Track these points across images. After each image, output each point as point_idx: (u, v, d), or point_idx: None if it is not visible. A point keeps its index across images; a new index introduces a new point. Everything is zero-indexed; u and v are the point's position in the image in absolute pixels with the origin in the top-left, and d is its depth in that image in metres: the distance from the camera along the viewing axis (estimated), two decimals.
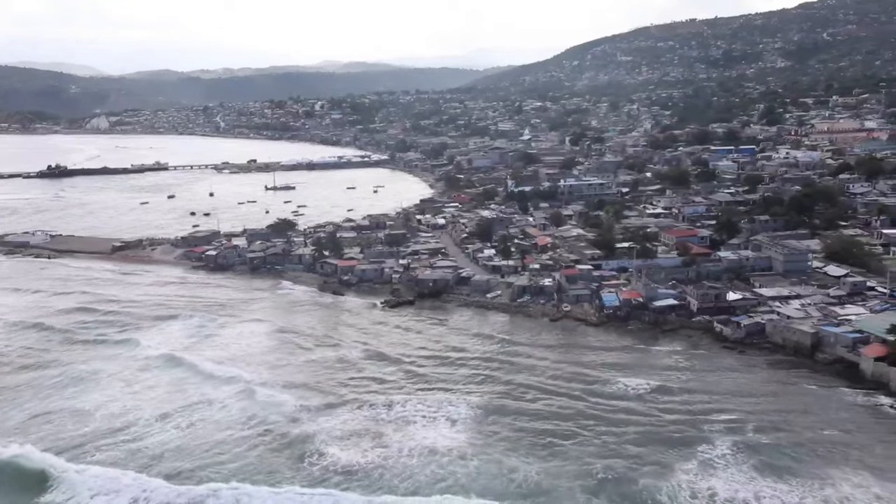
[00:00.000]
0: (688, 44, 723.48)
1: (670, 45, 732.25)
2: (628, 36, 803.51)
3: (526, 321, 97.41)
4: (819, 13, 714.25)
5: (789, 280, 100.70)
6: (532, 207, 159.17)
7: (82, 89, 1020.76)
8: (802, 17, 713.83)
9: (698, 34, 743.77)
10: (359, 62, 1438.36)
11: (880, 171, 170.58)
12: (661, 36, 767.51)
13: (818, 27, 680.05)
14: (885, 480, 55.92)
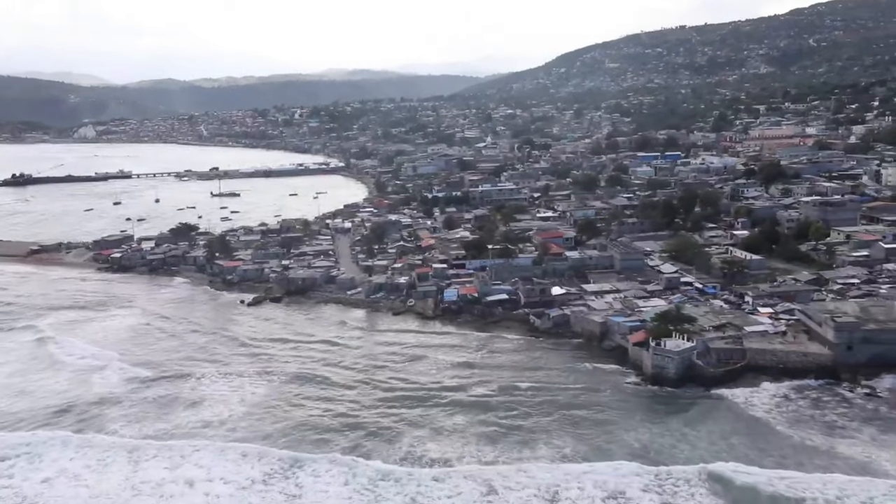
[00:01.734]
0: (675, 50, 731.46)
1: (658, 52, 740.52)
2: (618, 43, 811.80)
3: (373, 314, 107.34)
4: (807, 19, 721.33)
5: (619, 276, 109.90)
6: (439, 211, 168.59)
7: (82, 99, 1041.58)
8: (790, 23, 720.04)
9: (686, 41, 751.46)
10: (363, 70, 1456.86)
11: (780, 175, 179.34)
12: (650, 42, 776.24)
13: (805, 33, 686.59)
14: (578, 441, 65.42)
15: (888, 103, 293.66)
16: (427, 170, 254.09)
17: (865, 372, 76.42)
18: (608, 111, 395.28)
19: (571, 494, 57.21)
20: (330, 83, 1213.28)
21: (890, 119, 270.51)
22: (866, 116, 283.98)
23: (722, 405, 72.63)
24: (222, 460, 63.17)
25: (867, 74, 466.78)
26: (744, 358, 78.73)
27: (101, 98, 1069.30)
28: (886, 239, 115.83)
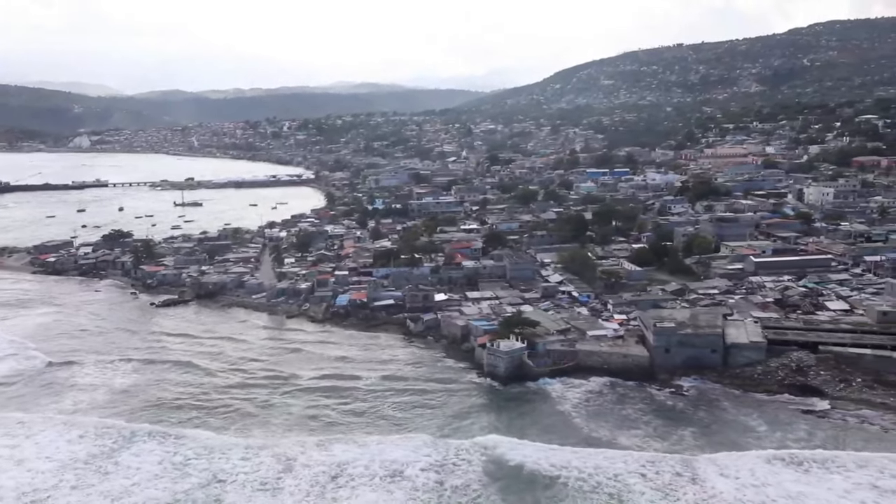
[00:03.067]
0: (671, 68, 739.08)
1: (653, 70, 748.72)
2: (615, 60, 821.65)
3: (269, 316, 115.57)
4: (803, 39, 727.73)
5: (504, 285, 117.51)
6: (374, 222, 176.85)
7: (85, 109, 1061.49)
8: (787, 42, 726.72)
9: (682, 59, 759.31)
10: (370, 83, 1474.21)
11: (712, 192, 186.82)
12: (646, 60, 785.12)
13: (800, 53, 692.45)
14: (405, 432, 73.20)
15: (849, 124, 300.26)
16: (389, 182, 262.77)
17: (681, 372, 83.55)
18: (586, 128, 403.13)
19: (356, 472, 64.60)
20: (335, 96, 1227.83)
21: (847, 139, 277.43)
22: (826, 136, 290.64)
23: (537, 398, 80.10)
24: (62, 439, 71.10)
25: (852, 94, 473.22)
26: (574, 358, 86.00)
27: (104, 108, 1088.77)
28: (766, 253, 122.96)
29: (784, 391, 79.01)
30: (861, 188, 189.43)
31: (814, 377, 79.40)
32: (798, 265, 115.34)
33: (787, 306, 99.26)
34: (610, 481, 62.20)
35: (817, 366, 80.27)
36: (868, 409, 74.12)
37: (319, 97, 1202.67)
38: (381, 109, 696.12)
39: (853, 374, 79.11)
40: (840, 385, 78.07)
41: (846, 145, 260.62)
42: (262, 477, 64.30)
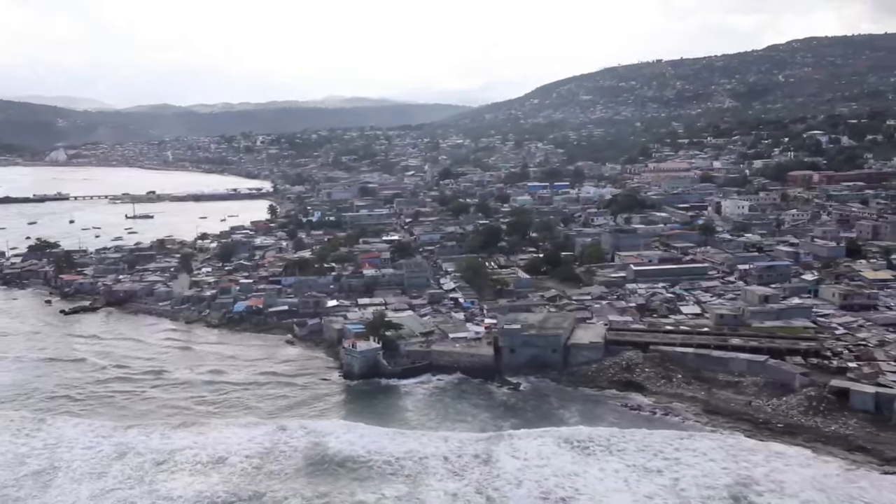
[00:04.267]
0: (649, 84, 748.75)
1: (631, 85, 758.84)
2: (595, 75, 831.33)
3: (169, 321, 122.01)
4: (779, 55, 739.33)
5: (396, 291, 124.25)
6: (304, 234, 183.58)
7: (70, 123, 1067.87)
8: (764, 58, 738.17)
9: (661, 74, 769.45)
10: (361, 97, 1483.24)
11: (639, 205, 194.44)
12: (626, 75, 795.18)
13: (776, 69, 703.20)
14: (249, 412, 79.86)
15: (797, 139, 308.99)
16: (340, 196, 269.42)
17: (525, 371, 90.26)
18: (550, 142, 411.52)
19: (183, 458, 70.90)
20: (324, 111, 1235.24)
21: (791, 154, 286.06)
22: (773, 152, 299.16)
23: (385, 393, 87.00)
24: None
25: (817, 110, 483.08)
26: (428, 358, 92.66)
27: (88, 122, 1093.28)
28: (652, 262, 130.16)
29: (612, 387, 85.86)
30: (780, 201, 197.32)
31: (639, 374, 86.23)
32: (674, 273, 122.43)
33: (646, 310, 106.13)
34: (414, 464, 68.74)
35: (644, 364, 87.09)
36: (678, 402, 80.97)
37: (308, 111, 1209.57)
38: (367, 124, 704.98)
39: (675, 370, 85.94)
40: (661, 381, 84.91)
41: (788, 160, 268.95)
42: (94, 464, 70.58)
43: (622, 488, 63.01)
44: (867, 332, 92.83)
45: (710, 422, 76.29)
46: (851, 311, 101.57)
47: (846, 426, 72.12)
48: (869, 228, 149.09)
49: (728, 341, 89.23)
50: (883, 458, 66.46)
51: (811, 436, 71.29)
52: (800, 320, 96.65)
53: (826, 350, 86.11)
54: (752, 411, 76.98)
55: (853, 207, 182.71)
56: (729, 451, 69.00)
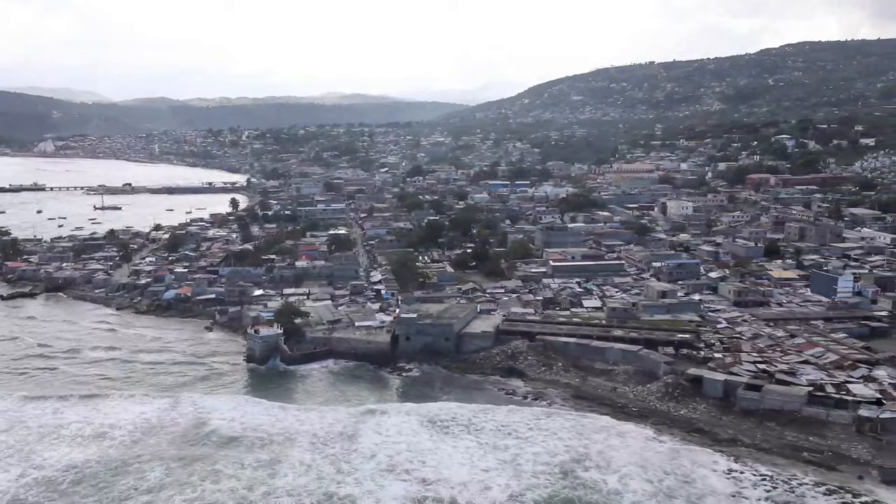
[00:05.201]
0: (640, 85, 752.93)
1: (622, 87, 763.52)
2: (587, 76, 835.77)
3: (104, 307, 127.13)
4: (771, 59, 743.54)
5: (322, 283, 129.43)
6: (258, 227, 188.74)
7: (64, 114, 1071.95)
8: (755, 62, 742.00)
9: (653, 76, 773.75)
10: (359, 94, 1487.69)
11: (590, 205, 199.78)
12: (617, 77, 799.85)
13: (766, 73, 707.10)
14: (148, 397, 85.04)
15: (765, 143, 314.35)
16: (309, 191, 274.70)
17: (420, 358, 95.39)
18: (528, 142, 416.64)
19: (69, 431, 75.89)
20: (322, 107, 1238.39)
21: (757, 158, 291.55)
22: (741, 155, 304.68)
23: (280, 375, 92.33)
24: None
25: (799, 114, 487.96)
26: (329, 345, 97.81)
27: (82, 115, 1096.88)
28: (575, 259, 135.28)
29: (496, 373, 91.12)
30: (727, 203, 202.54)
31: (522, 362, 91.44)
32: (590, 269, 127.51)
33: (551, 303, 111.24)
34: (284, 438, 73.88)
35: (527, 352, 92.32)
36: (552, 388, 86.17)
37: (305, 108, 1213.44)
38: (364, 121, 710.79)
39: (556, 359, 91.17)
40: (542, 368, 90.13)
41: (749, 163, 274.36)
42: None
43: (464, 462, 68.02)
44: (747, 326, 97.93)
45: (575, 405, 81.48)
46: (744, 307, 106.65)
47: (695, 410, 77.33)
48: (796, 230, 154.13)
49: (610, 332, 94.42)
50: (716, 439, 71.62)
51: (660, 419, 76.43)
52: (688, 314, 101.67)
53: (699, 342, 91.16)
54: (615, 396, 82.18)
55: (793, 210, 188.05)
56: (579, 431, 74.10)
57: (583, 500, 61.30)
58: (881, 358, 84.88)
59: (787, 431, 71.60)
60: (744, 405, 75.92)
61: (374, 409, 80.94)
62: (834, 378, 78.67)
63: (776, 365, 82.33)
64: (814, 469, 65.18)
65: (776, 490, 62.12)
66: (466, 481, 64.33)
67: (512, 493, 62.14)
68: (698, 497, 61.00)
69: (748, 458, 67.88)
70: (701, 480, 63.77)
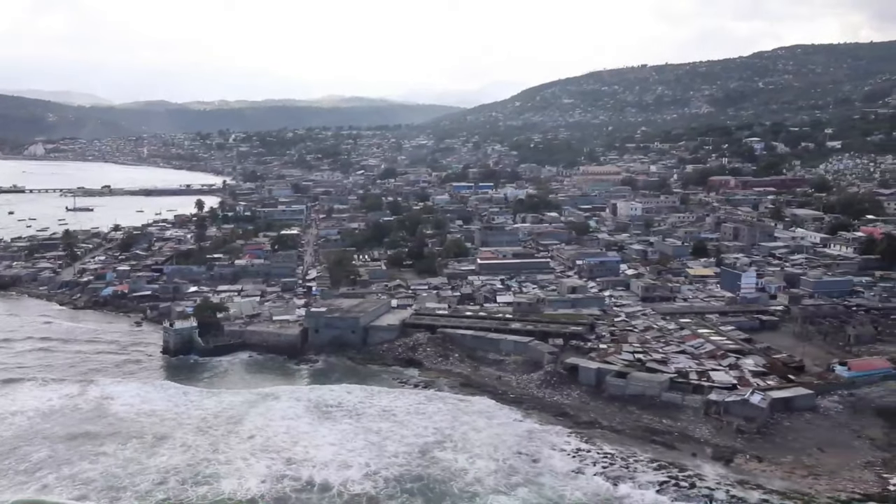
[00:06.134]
0: (631, 88, 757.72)
1: (614, 90, 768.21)
2: (580, 79, 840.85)
3: (45, 303, 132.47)
4: (762, 62, 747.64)
5: (256, 280, 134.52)
6: (216, 228, 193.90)
7: (60, 118, 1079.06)
8: (746, 65, 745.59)
9: (644, 79, 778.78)
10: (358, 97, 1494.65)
11: (546, 206, 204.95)
12: (609, 80, 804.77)
13: (757, 76, 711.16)
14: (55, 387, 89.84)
15: (736, 145, 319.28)
16: (280, 193, 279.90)
17: (329, 350, 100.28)
18: (508, 145, 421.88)
19: None
20: (320, 110, 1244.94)
21: (726, 161, 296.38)
22: (711, 157, 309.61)
23: (191, 366, 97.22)
24: None
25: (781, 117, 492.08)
26: (242, 337, 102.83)
27: (78, 118, 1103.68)
28: (506, 257, 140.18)
29: (396, 364, 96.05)
30: (679, 204, 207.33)
31: (421, 353, 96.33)
32: (516, 267, 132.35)
33: (468, 299, 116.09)
34: (172, 421, 78.81)
35: (427, 344, 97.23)
36: (444, 378, 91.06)
37: (302, 110, 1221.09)
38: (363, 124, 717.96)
39: (454, 350, 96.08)
40: (439, 359, 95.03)
41: (713, 166, 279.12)
42: None
43: (335, 443, 72.73)
44: (644, 319, 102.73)
45: (461, 392, 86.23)
46: (651, 301, 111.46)
47: (568, 397, 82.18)
48: (731, 230, 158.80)
49: (508, 325, 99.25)
50: (577, 422, 76.41)
51: (533, 404, 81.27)
52: (592, 309, 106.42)
53: (591, 333, 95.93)
54: (498, 384, 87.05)
55: (740, 211, 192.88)
56: (454, 415, 78.92)
57: (430, 476, 65.99)
58: (756, 348, 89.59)
59: (645, 415, 76.35)
60: (611, 391, 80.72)
61: (268, 394, 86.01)
62: (702, 366, 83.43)
63: (651, 354, 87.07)
64: (655, 448, 69.94)
65: (612, 466, 66.85)
66: (329, 461, 69.03)
67: (367, 472, 66.74)
68: (535, 475, 65.67)
69: (600, 438, 72.66)
70: (546, 460, 68.51)
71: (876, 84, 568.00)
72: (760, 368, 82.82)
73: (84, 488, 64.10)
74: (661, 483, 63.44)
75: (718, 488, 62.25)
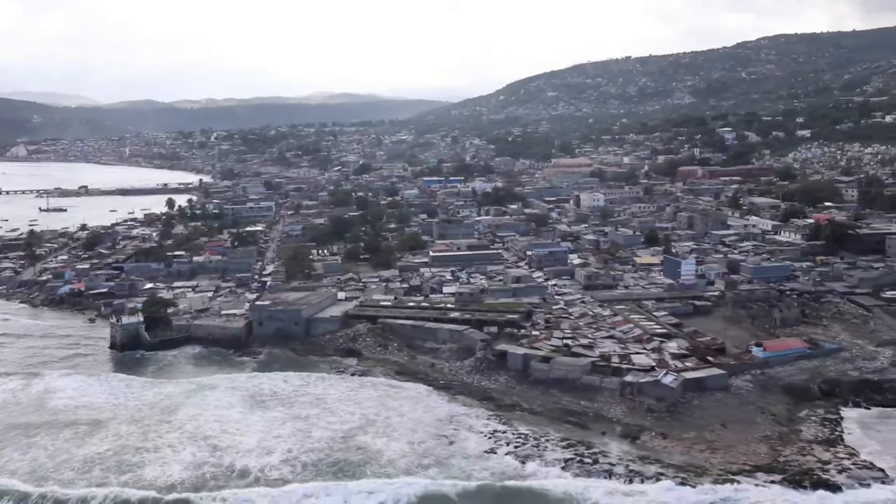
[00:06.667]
0: (615, 81, 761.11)
1: (598, 82, 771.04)
2: (564, 72, 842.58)
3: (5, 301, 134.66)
4: (745, 52, 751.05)
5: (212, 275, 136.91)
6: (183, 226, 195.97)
7: (45, 119, 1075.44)
8: (729, 55, 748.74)
9: (628, 71, 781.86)
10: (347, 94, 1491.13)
11: (510, 198, 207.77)
12: (593, 72, 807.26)
13: (740, 66, 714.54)
14: None
15: (711, 134, 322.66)
16: (255, 191, 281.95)
17: (273, 342, 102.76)
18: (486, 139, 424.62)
19: None
20: (306, 107, 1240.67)
21: (698, 151, 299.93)
22: (684, 148, 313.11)
23: (136, 360, 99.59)
24: None
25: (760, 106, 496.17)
26: (189, 331, 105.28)
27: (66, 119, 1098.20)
28: (460, 248, 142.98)
29: (337, 354, 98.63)
30: (643, 195, 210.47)
31: (361, 343, 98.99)
32: (467, 258, 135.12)
33: (415, 290, 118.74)
34: (108, 411, 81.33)
35: (367, 334, 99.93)
36: (380, 366, 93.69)
37: (290, 107, 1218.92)
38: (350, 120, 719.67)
39: (393, 340, 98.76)
40: (378, 348, 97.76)
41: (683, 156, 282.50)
42: None
43: (262, 430, 75.25)
44: (582, 306, 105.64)
45: (395, 379, 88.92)
46: (593, 289, 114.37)
47: (495, 382, 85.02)
48: (685, 220, 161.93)
49: (447, 314, 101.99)
50: (499, 405, 79.27)
51: (461, 389, 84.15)
52: (533, 297, 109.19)
53: (527, 321, 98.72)
54: (432, 372, 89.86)
55: (700, 201, 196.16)
56: (382, 401, 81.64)
57: (346, 460, 68.52)
58: (682, 332, 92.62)
59: (565, 397, 79.21)
60: (536, 375, 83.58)
61: (206, 384, 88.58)
62: (626, 350, 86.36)
63: (580, 340, 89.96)
64: (568, 428, 72.86)
65: (525, 446, 69.66)
66: (253, 448, 71.48)
67: (287, 458, 69.07)
68: (447, 456, 68.33)
69: (518, 420, 75.49)
70: (461, 442, 71.26)
71: (856, 73, 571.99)
72: (682, 351, 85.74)
73: (9, 477, 66.38)
74: (567, 460, 66.29)
75: (619, 463, 65.13)
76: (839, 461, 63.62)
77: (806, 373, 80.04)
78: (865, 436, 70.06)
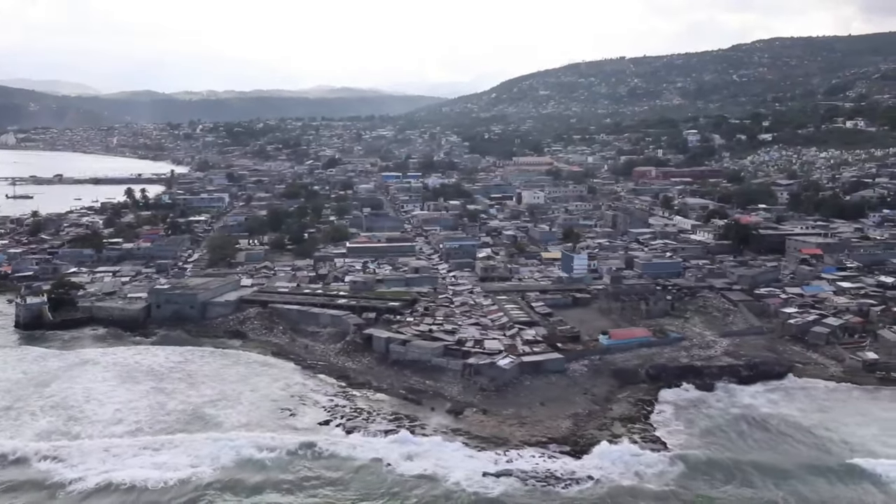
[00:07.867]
0: (607, 80, 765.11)
1: (590, 81, 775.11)
2: (558, 71, 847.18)
3: None
4: (738, 55, 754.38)
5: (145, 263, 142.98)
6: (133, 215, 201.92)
7: (42, 107, 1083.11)
8: (723, 58, 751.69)
9: (621, 71, 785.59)
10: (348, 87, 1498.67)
11: (456, 194, 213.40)
12: (587, 72, 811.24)
13: (732, 68, 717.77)
14: None
15: (676, 137, 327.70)
16: (216, 182, 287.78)
17: (170, 324, 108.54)
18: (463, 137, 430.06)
19: None
20: (305, 101, 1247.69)
21: (661, 152, 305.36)
22: (649, 148, 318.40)
23: (37, 337, 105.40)
24: None
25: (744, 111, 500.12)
26: (90, 312, 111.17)
27: (62, 107, 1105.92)
28: (380, 241, 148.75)
29: (225, 336, 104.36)
30: (587, 193, 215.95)
31: (248, 326, 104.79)
32: (383, 250, 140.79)
33: (320, 278, 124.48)
34: None
35: (255, 318, 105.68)
36: (260, 347, 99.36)
37: (289, 101, 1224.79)
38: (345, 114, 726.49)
39: (279, 323, 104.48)
40: (264, 331, 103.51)
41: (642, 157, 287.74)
42: None
43: (120, 403, 79.84)
44: (468, 296, 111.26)
45: (270, 358, 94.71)
46: (489, 281, 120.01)
47: (358, 362, 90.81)
48: (610, 217, 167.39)
49: (335, 301, 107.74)
50: (352, 382, 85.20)
51: (324, 368, 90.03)
52: (424, 287, 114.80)
53: (408, 308, 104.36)
54: (304, 353, 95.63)
55: (637, 200, 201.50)
56: (244, 377, 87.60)
57: (187, 430, 74.26)
58: (548, 321, 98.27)
59: (415, 377, 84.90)
60: (395, 357, 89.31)
61: (89, 359, 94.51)
62: (484, 336, 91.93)
63: (445, 326, 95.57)
64: (404, 404, 78.71)
65: (357, 419, 75.50)
66: (107, 419, 76.97)
67: (131, 430, 74.64)
68: (281, 427, 74.16)
69: (362, 397, 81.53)
70: (301, 413, 77.18)
71: (844, 77, 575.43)
72: (537, 338, 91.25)
73: None
74: (387, 431, 72.04)
75: (434, 434, 70.87)
76: (631, 435, 69.25)
77: (640, 359, 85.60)
78: (674, 416, 75.63)
